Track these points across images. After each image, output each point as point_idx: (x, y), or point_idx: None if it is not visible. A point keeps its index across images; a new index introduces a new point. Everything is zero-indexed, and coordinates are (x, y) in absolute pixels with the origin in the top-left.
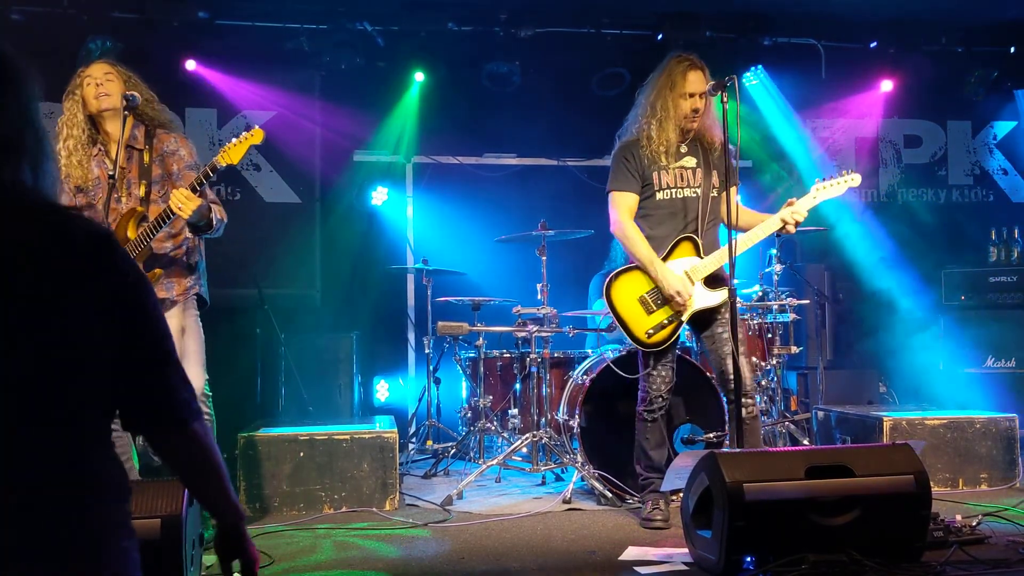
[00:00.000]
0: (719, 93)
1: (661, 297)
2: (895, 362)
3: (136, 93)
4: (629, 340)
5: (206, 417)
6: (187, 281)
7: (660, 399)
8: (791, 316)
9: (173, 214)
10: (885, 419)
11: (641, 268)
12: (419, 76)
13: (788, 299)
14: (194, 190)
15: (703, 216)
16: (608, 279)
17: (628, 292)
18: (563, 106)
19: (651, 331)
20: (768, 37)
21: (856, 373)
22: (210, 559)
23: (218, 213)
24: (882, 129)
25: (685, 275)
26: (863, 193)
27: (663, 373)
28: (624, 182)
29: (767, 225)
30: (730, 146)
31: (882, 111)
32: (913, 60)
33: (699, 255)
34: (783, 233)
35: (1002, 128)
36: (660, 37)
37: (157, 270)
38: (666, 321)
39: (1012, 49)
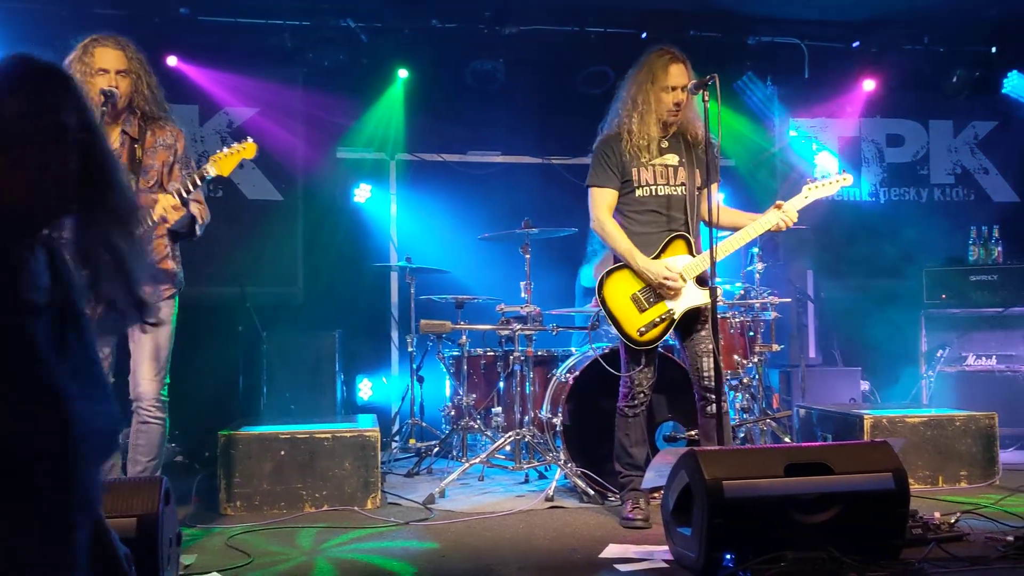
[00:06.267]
0: (700, 92)
1: (653, 294)
2: (876, 360)
3: (116, 89)
4: (621, 338)
5: (158, 421)
6: (167, 283)
7: (643, 395)
8: (773, 314)
9: (155, 222)
10: (866, 417)
11: (625, 264)
12: (403, 73)
13: (770, 297)
14: (180, 197)
15: (691, 213)
16: (600, 277)
17: (620, 290)
18: (547, 104)
19: (643, 329)
20: (752, 36)
21: (838, 371)
22: (188, 559)
23: (202, 215)
24: (864, 128)
25: (678, 273)
26: (845, 192)
27: (647, 371)
28: (603, 177)
29: (757, 226)
30: (712, 140)
31: (865, 110)
32: (895, 59)
33: (691, 253)
34: (774, 231)
35: (983, 128)
36: (644, 36)
37: None
38: (658, 319)
39: (993, 49)
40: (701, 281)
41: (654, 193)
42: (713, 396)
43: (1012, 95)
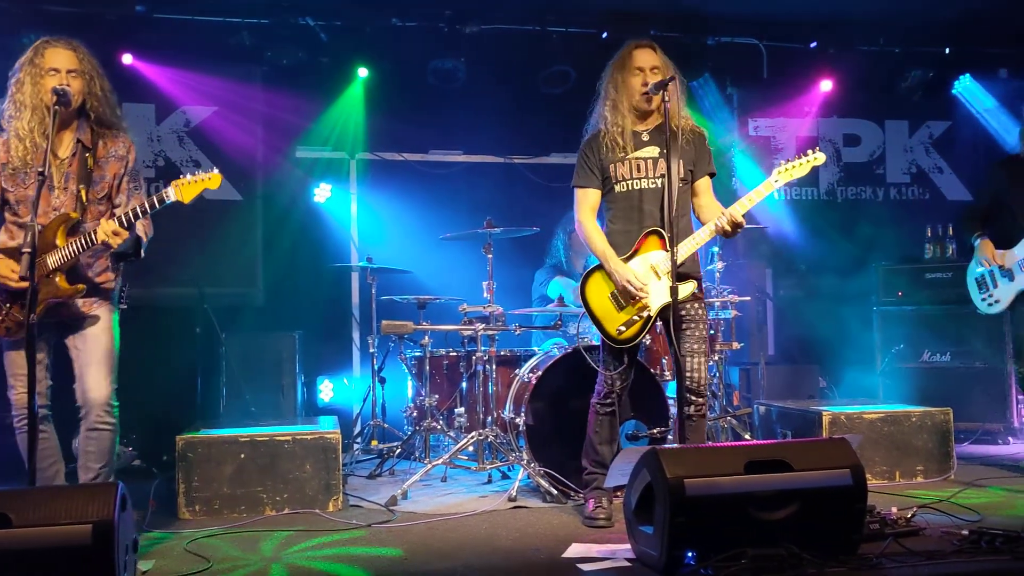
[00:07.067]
0: (660, 92)
1: (630, 292)
2: (834, 357)
3: (69, 88)
4: (602, 336)
5: (109, 427)
6: (108, 292)
7: (615, 394)
8: (732, 313)
9: (96, 244)
10: (824, 413)
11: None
12: (363, 72)
13: (730, 296)
14: (127, 222)
15: (668, 207)
16: (583, 276)
17: (600, 289)
18: (509, 103)
19: (622, 328)
20: (712, 37)
21: (796, 368)
22: (146, 564)
23: (146, 231)
24: (822, 128)
25: (651, 269)
26: (803, 191)
27: (622, 371)
28: (584, 178)
29: (703, 232)
30: (703, 132)
31: (822, 110)
32: (852, 60)
33: (666, 249)
34: (726, 236)
35: (937, 127)
36: (605, 36)
37: (80, 284)
38: (635, 317)
39: (947, 50)
40: (681, 277)
41: (631, 188)
42: (694, 398)
43: (961, 97)
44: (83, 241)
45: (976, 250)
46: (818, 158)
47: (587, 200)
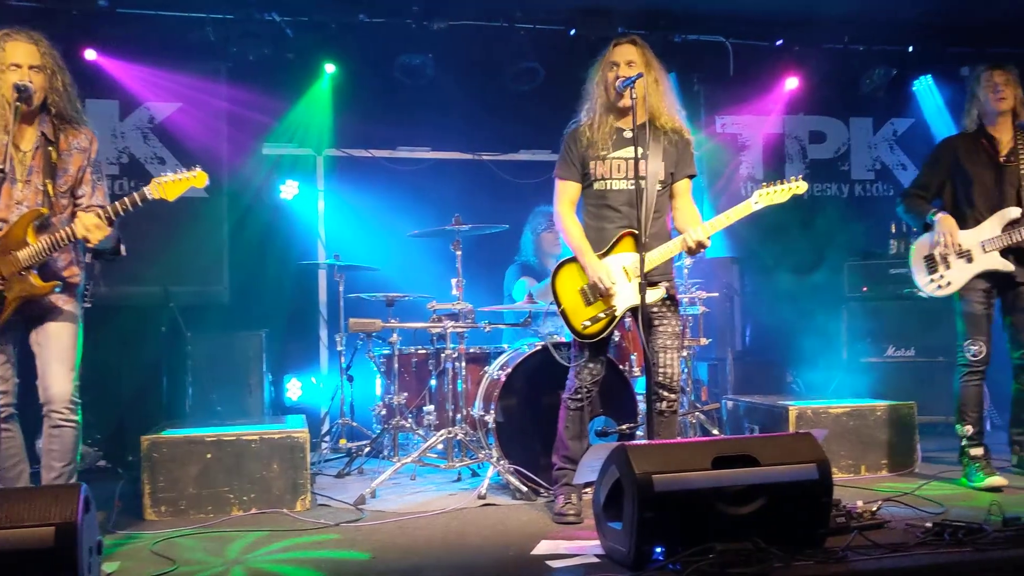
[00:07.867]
0: (628, 89)
1: (598, 289)
2: (801, 352)
3: (30, 84)
4: (568, 330)
5: (71, 424)
6: (73, 288)
7: (585, 390)
8: (701, 308)
9: (76, 238)
10: (791, 408)
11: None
12: (330, 68)
13: (698, 292)
14: (110, 221)
15: (645, 208)
16: (555, 268)
17: (570, 282)
18: (477, 100)
19: (587, 323)
20: (678, 34)
21: (764, 363)
22: (110, 567)
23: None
24: (787, 125)
25: (623, 271)
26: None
27: (591, 366)
28: (564, 170)
29: (672, 246)
30: (687, 136)
31: (788, 108)
32: (817, 58)
33: (638, 251)
34: (691, 253)
35: (901, 124)
36: (573, 32)
37: (55, 281)
38: (601, 315)
39: (910, 48)
40: (653, 282)
41: (610, 187)
42: (666, 393)
43: (919, 96)
44: (57, 236)
45: (936, 224)
46: (800, 186)
47: (567, 192)
